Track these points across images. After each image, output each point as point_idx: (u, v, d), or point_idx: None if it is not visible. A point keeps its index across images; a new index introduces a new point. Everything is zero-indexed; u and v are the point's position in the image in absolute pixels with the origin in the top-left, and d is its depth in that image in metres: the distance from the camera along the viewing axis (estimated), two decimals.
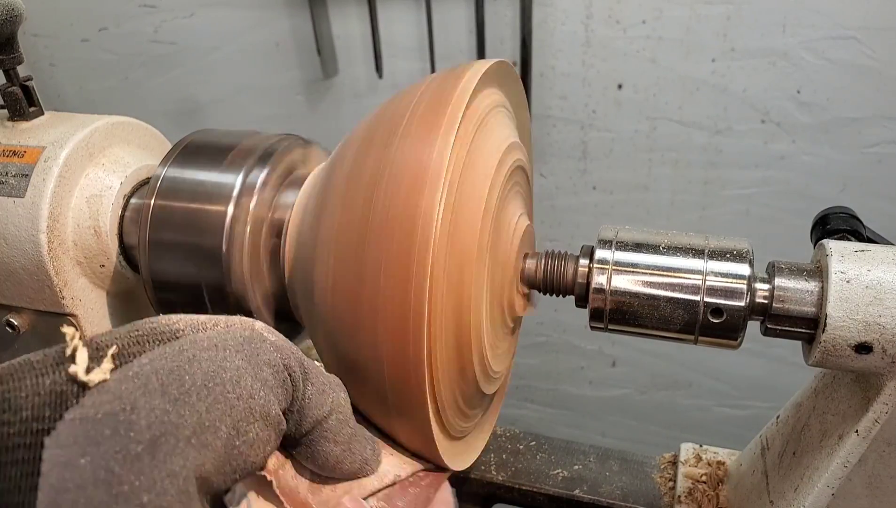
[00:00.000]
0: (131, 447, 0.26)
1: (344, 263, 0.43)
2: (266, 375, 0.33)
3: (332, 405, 0.37)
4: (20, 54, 0.56)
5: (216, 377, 0.30)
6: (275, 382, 0.33)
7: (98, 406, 0.26)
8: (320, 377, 0.37)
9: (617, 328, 0.49)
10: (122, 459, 0.25)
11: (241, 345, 0.33)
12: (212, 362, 0.30)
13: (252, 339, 0.33)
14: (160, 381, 0.28)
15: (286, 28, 1.49)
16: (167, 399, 0.28)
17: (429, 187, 0.40)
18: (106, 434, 0.25)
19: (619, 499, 0.63)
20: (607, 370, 1.75)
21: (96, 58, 1.65)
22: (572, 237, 1.58)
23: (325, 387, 0.37)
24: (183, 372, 0.29)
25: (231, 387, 0.30)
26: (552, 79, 1.40)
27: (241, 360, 0.32)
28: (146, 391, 0.27)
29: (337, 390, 0.38)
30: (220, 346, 0.32)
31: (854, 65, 1.25)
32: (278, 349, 0.34)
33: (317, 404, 0.36)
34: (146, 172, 0.59)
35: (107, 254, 0.56)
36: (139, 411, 0.27)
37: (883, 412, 0.44)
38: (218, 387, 0.30)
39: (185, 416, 0.28)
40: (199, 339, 0.32)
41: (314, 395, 0.36)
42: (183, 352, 0.30)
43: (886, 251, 0.43)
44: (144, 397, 0.27)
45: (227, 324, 0.34)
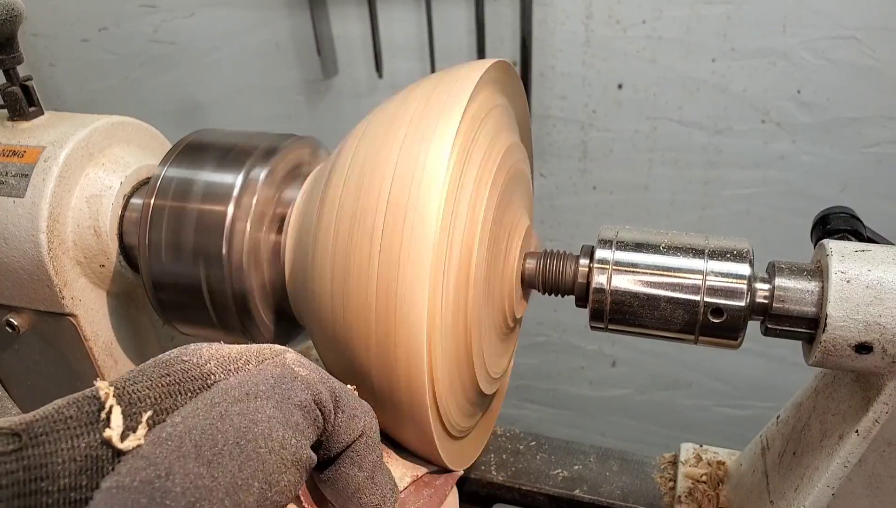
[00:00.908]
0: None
1: (343, 263, 0.43)
2: (297, 419, 0.32)
3: (362, 429, 0.37)
4: (20, 54, 0.56)
5: (248, 434, 0.30)
6: (306, 424, 0.33)
7: (134, 474, 0.26)
8: (351, 403, 0.37)
9: (617, 328, 0.49)
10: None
11: (271, 389, 0.32)
12: (243, 416, 0.30)
13: (283, 379, 0.33)
14: (193, 442, 0.28)
15: (286, 28, 1.49)
16: (200, 462, 0.28)
17: (429, 188, 0.40)
18: (142, 503, 0.25)
19: (619, 499, 0.63)
20: (607, 370, 1.75)
21: (96, 58, 1.65)
22: (572, 237, 1.57)
23: (356, 412, 0.37)
24: (215, 430, 0.29)
25: (263, 441, 0.30)
26: (552, 79, 1.40)
27: (272, 408, 0.31)
28: (180, 455, 0.27)
29: (368, 416, 0.38)
30: (251, 395, 0.31)
31: (854, 65, 1.25)
32: (309, 386, 0.34)
33: (346, 430, 0.36)
34: (146, 172, 0.59)
35: (107, 254, 0.56)
36: (174, 476, 0.26)
37: (883, 412, 0.44)
38: (250, 444, 0.30)
39: (218, 479, 0.28)
40: (229, 388, 0.31)
41: (344, 422, 0.36)
42: (214, 407, 0.30)
43: (886, 251, 0.43)
44: (179, 461, 0.27)
45: (257, 359, 0.34)
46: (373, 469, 0.38)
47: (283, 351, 0.35)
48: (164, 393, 0.30)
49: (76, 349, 0.57)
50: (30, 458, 0.25)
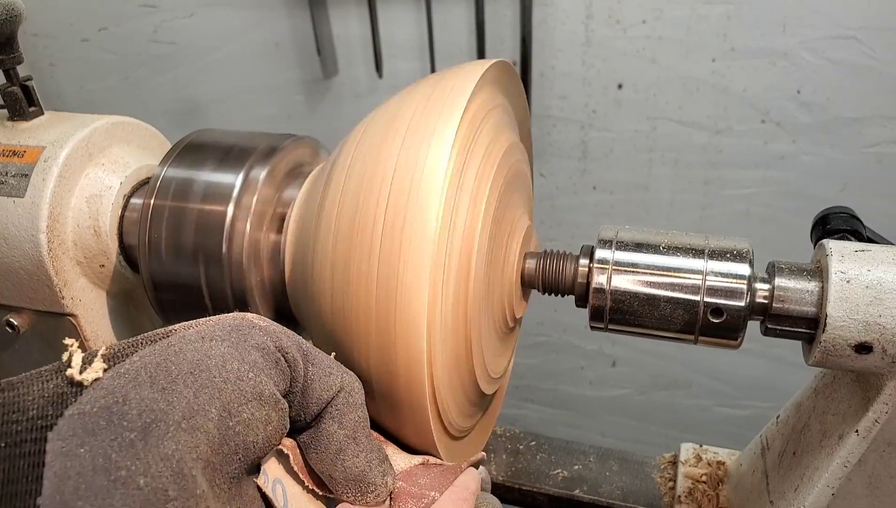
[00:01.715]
0: (125, 434, 0.27)
1: (343, 263, 0.43)
2: (255, 357, 0.34)
3: (339, 385, 0.37)
4: (20, 54, 0.56)
5: (201, 365, 0.32)
6: (265, 363, 0.34)
7: (93, 402, 0.28)
8: (325, 360, 0.38)
9: (617, 328, 0.49)
10: (117, 446, 0.27)
11: (227, 334, 0.34)
12: (196, 352, 0.32)
13: (240, 327, 0.35)
14: (149, 374, 0.30)
15: (286, 28, 1.49)
16: (155, 389, 0.30)
17: (429, 188, 0.40)
18: (101, 425, 0.28)
19: (619, 499, 0.63)
20: (607, 370, 1.75)
21: (96, 58, 1.65)
22: (572, 237, 1.57)
23: (332, 369, 0.38)
24: (169, 363, 0.31)
25: (217, 372, 0.32)
26: (552, 79, 1.40)
27: (227, 347, 0.33)
28: (136, 384, 0.29)
29: (347, 375, 0.39)
30: (206, 338, 0.33)
31: (854, 65, 1.25)
32: (268, 333, 0.35)
33: (322, 385, 0.37)
34: (146, 171, 0.59)
35: (107, 254, 0.56)
36: (130, 402, 0.29)
37: (883, 412, 0.44)
38: (203, 373, 0.31)
39: (173, 403, 0.29)
40: (187, 334, 0.34)
41: (318, 376, 0.37)
42: (170, 347, 0.32)
43: (886, 251, 0.43)
44: (135, 389, 0.29)
45: (218, 318, 0.36)
46: (355, 429, 0.38)
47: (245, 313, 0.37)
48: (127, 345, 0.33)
49: None
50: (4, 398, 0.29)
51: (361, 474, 0.38)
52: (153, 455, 0.27)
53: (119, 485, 0.26)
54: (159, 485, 0.27)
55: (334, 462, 0.38)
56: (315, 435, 0.37)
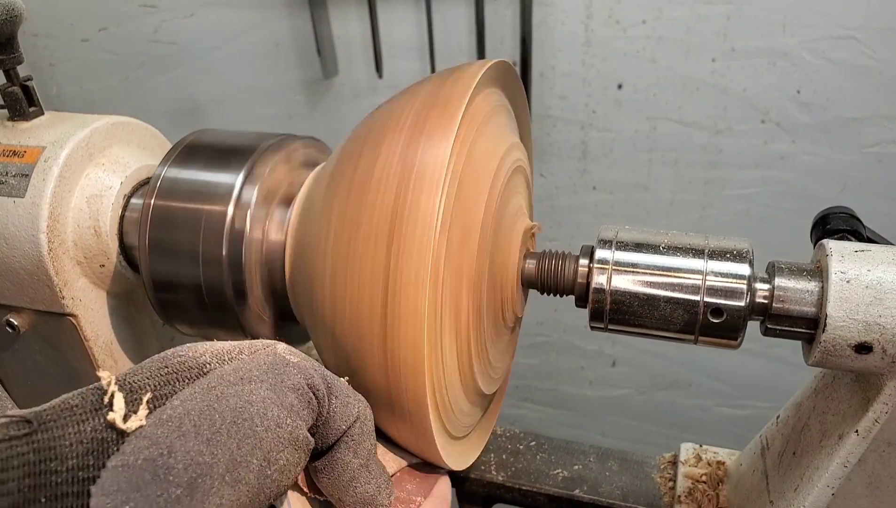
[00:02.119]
0: (171, 490, 0.27)
1: (343, 263, 0.43)
2: (291, 400, 0.34)
3: (356, 415, 0.38)
4: (20, 54, 0.56)
5: (244, 413, 0.31)
6: (300, 405, 0.34)
7: (137, 453, 0.27)
8: (343, 390, 0.38)
9: (617, 328, 0.49)
10: (163, 503, 0.27)
11: (265, 374, 0.34)
12: (238, 397, 0.32)
13: (275, 365, 0.35)
14: (192, 422, 0.29)
15: (286, 28, 1.49)
16: (200, 440, 0.29)
17: (429, 188, 0.40)
18: (147, 479, 0.27)
19: (619, 499, 0.63)
20: (607, 370, 1.75)
21: (96, 58, 1.65)
22: (572, 237, 1.57)
23: (349, 399, 0.38)
24: (213, 411, 0.30)
25: (259, 420, 0.32)
26: (552, 79, 1.40)
27: (266, 390, 0.33)
28: (181, 434, 0.29)
29: (362, 403, 0.39)
30: (245, 379, 0.33)
31: (854, 65, 1.25)
32: (301, 371, 0.35)
33: (342, 415, 0.37)
34: (146, 172, 0.59)
35: (107, 254, 0.56)
36: (176, 454, 0.28)
37: (883, 412, 0.44)
38: (247, 422, 0.31)
39: (217, 455, 0.29)
40: (225, 373, 0.33)
41: (339, 408, 0.37)
42: (211, 390, 0.31)
43: (886, 251, 0.43)
44: (179, 440, 0.29)
45: (250, 351, 0.36)
46: (368, 457, 0.39)
47: (274, 343, 0.37)
48: (163, 381, 0.31)
49: (76, 349, 0.57)
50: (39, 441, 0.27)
51: (371, 498, 0.39)
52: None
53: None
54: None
55: (346, 488, 0.38)
56: (329, 463, 0.38)
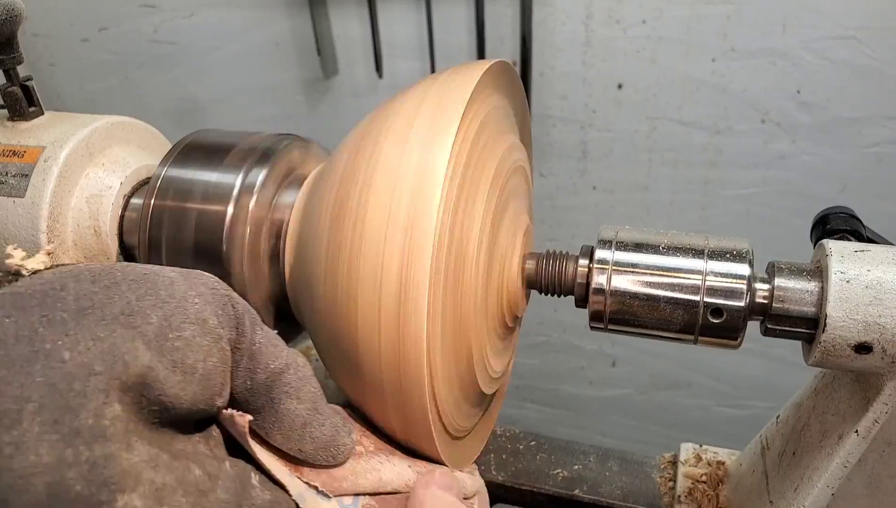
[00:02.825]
0: (57, 313, 0.27)
1: (343, 264, 0.43)
2: (202, 290, 0.33)
3: (287, 360, 0.37)
4: (20, 54, 0.56)
5: (148, 278, 0.31)
6: (212, 299, 0.33)
7: (29, 285, 0.28)
8: (272, 335, 0.37)
9: (617, 329, 0.49)
10: (46, 322, 0.27)
11: (178, 269, 0.34)
12: (144, 268, 0.32)
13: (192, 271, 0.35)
14: (91, 273, 0.29)
15: (286, 28, 1.49)
16: (97, 286, 0.29)
17: (429, 188, 0.40)
18: (33, 304, 0.27)
19: (619, 499, 0.63)
20: (607, 370, 1.75)
21: (96, 58, 1.65)
22: (572, 237, 1.57)
23: (278, 343, 0.37)
24: (115, 271, 0.30)
25: (163, 287, 0.31)
26: (552, 79, 1.40)
27: (176, 274, 0.33)
28: (76, 278, 0.29)
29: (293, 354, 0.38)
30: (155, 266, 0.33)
31: (854, 65, 1.25)
32: (219, 281, 0.35)
33: (270, 354, 0.36)
34: (146, 172, 0.59)
35: (107, 254, 0.56)
36: (68, 289, 0.28)
37: (883, 412, 0.44)
38: (149, 284, 0.31)
39: (113, 299, 0.29)
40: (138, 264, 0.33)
41: (265, 344, 0.36)
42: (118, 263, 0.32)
43: (886, 251, 0.43)
44: (74, 281, 0.28)
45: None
46: (314, 401, 0.38)
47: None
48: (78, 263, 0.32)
49: None
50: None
51: (331, 439, 0.39)
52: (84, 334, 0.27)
53: (41, 356, 0.26)
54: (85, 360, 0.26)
55: (302, 436, 0.37)
56: (276, 416, 0.37)
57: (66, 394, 0.25)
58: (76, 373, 0.26)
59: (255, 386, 0.36)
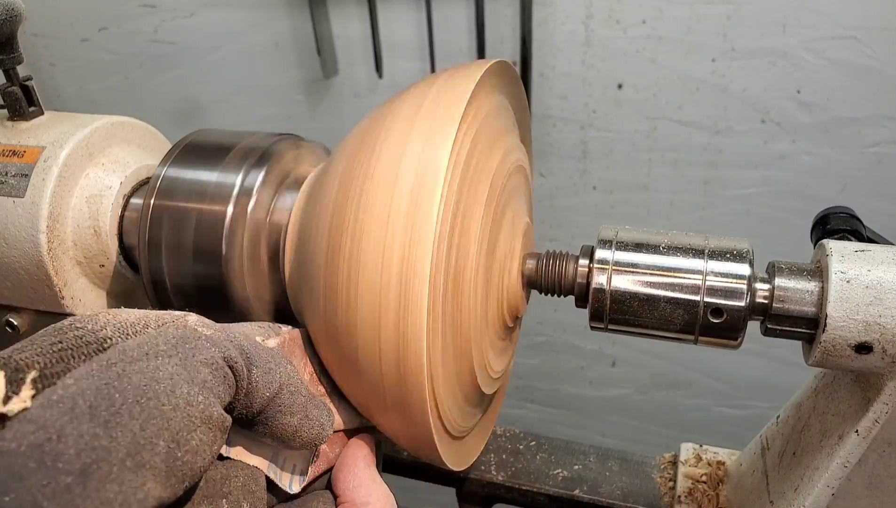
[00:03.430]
0: (60, 478, 0.24)
1: (343, 263, 0.43)
2: (204, 376, 0.31)
3: (280, 381, 0.37)
4: (20, 54, 0.56)
5: (148, 391, 0.28)
6: (214, 381, 0.31)
7: (20, 438, 0.24)
8: (264, 357, 0.36)
9: (617, 328, 0.49)
10: (50, 493, 0.24)
11: (174, 348, 0.31)
12: (143, 374, 0.28)
13: (186, 339, 0.32)
14: (87, 403, 0.26)
15: (286, 28, 1.49)
16: (96, 423, 0.26)
17: (429, 188, 0.40)
18: (31, 468, 0.24)
19: (619, 499, 0.63)
20: (607, 370, 1.75)
21: (96, 58, 1.65)
22: (572, 237, 1.57)
23: (271, 365, 0.37)
24: (112, 390, 0.27)
25: (166, 398, 0.28)
26: (552, 79, 1.40)
27: (175, 366, 0.30)
28: (73, 417, 0.25)
29: (282, 364, 0.38)
30: (151, 354, 0.30)
31: (854, 65, 1.25)
32: (215, 344, 0.33)
33: (265, 384, 0.36)
34: (146, 172, 0.59)
35: (107, 254, 0.56)
36: (66, 439, 0.25)
37: (883, 412, 0.44)
38: (152, 401, 0.28)
39: (117, 439, 0.26)
40: (127, 348, 0.30)
41: (261, 377, 0.35)
42: (111, 367, 0.28)
43: (886, 251, 0.43)
44: (71, 423, 0.25)
45: (157, 324, 0.33)
46: (305, 409, 0.38)
47: (185, 315, 0.34)
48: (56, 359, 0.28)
49: None
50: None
51: (316, 436, 0.39)
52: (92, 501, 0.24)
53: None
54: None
55: (293, 438, 0.38)
56: (270, 429, 0.37)
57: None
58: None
59: (250, 413, 0.36)
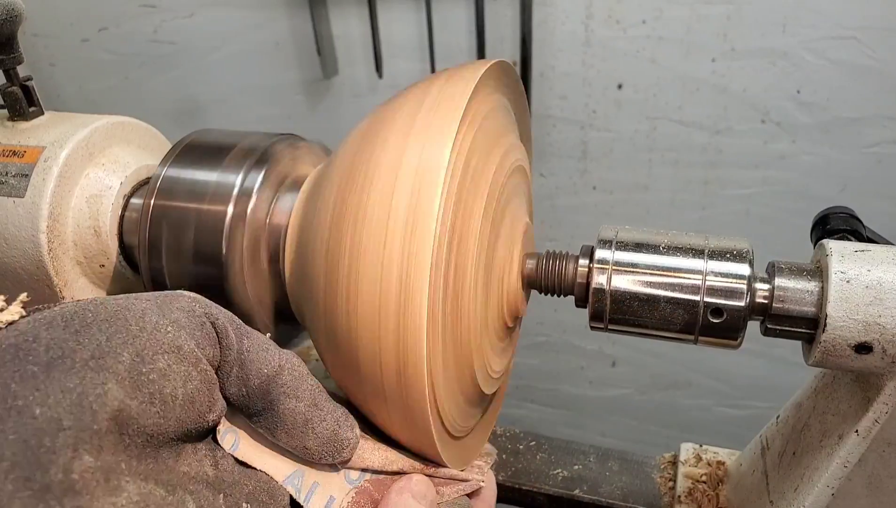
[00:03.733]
0: (28, 367, 0.28)
1: (343, 264, 0.43)
2: (177, 316, 0.34)
3: (280, 361, 0.38)
4: (20, 54, 0.56)
5: (119, 314, 0.32)
6: (188, 323, 0.34)
7: (3, 340, 0.29)
8: (260, 338, 0.38)
9: (617, 328, 0.49)
10: (18, 378, 0.28)
11: (153, 297, 0.35)
12: (117, 303, 0.33)
13: (167, 294, 0.35)
14: (64, 318, 0.31)
15: (286, 28, 1.49)
16: (68, 331, 0.30)
17: (429, 188, 0.40)
18: (6, 359, 0.28)
19: (619, 499, 0.63)
20: (607, 370, 1.75)
21: (96, 58, 1.65)
22: (572, 237, 1.57)
23: (269, 345, 0.38)
24: (87, 311, 0.31)
25: (134, 321, 0.32)
26: (552, 79, 1.40)
27: (150, 304, 0.33)
28: (49, 326, 0.30)
29: (286, 354, 0.39)
30: (131, 297, 0.34)
31: (854, 65, 1.25)
32: (197, 301, 0.36)
33: (261, 360, 0.37)
34: (146, 172, 0.59)
35: (107, 254, 0.56)
36: (39, 340, 0.29)
37: (883, 412, 0.44)
38: (119, 321, 0.31)
39: (83, 343, 0.30)
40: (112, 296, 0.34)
41: (254, 349, 0.37)
42: (93, 300, 0.33)
43: (886, 251, 0.43)
44: (47, 330, 0.30)
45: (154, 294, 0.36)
46: (313, 398, 0.39)
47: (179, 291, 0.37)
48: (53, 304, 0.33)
49: None
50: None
51: (333, 434, 0.39)
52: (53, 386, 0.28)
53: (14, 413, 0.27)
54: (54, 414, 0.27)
55: (304, 433, 0.38)
56: (278, 417, 0.37)
57: (37, 451, 0.27)
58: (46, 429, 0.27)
59: (250, 392, 0.37)
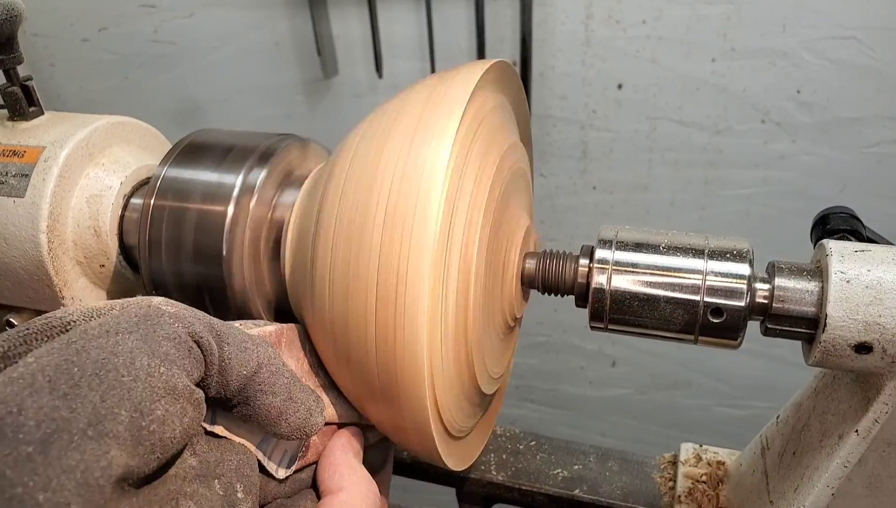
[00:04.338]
0: (21, 448, 0.25)
1: (343, 263, 0.43)
2: (166, 349, 0.32)
3: (258, 360, 0.37)
4: (20, 54, 0.56)
5: (108, 364, 0.29)
6: (178, 354, 0.32)
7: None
8: (238, 337, 0.37)
9: (617, 328, 0.49)
10: (12, 462, 0.25)
11: (135, 326, 0.32)
12: (102, 349, 0.30)
13: (148, 316, 0.33)
14: (47, 377, 0.28)
15: (286, 28, 1.49)
16: (56, 396, 0.27)
17: (429, 188, 0.40)
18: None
19: (619, 499, 0.63)
20: (607, 370, 1.75)
21: (96, 58, 1.65)
22: (572, 237, 1.57)
23: (247, 344, 0.37)
24: (71, 365, 0.28)
25: (125, 370, 0.29)
26: (552, 79, 1.40)
27: (136, 340, 0.31)
28: (33, 391, 0.27)
29: (262, 346, 0.38)
30: (111, 332, 0.31)
31: (854, 65, 1.25)
32: (179, 319, 0.33)
33: (240, 361, 0.36)
34: (146, 171, 0.59)
35: (107, 254, 0.56)
36: (26, 411, 0.26)
37: (883, 412, 0.44)
38: (111, 373, 0.29)
39: (76, 410, 0.27)
40: (89, 328, 0.31)
41: (234, 353, 0.36)
42: (71, 344, 0.29)
43: (886, 251, 0.43)
44: (31, 397, 0.27)
45: (122, 307, 0.34)
46: (288, 391, 0.39)
47: (150, 297, 0.35)
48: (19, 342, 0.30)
49: None
50: None
51: (304, 422, 0.39)
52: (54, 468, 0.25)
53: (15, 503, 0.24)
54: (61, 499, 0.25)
55: (277, 423, 0.38)
56: (253, 410, 0.37)
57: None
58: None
59: (228, 392, 0.36)
